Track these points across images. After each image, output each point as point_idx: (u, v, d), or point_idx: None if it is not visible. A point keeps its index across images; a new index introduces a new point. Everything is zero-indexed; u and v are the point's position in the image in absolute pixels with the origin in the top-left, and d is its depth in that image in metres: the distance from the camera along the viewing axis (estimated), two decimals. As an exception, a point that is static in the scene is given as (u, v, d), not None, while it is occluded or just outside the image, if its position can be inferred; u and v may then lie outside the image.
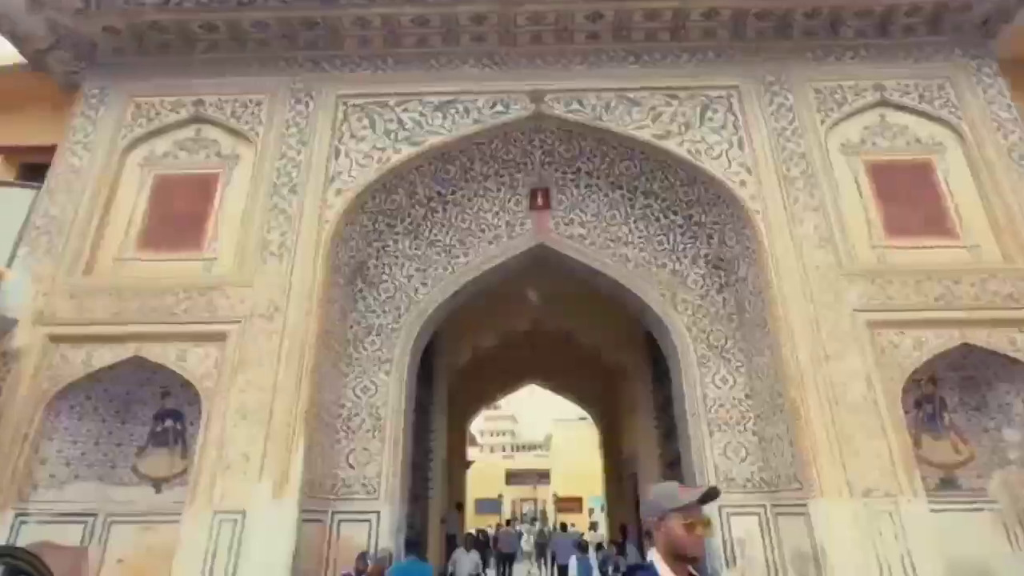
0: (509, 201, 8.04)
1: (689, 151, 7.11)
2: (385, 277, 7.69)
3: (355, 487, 6.69)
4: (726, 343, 7.29)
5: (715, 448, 6.80)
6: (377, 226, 7.60)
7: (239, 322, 6.25)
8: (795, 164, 6.97)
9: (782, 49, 7.57)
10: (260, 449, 5.70)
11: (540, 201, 7.98)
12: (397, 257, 7.79)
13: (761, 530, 6.35)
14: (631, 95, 7.37)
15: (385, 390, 7.10)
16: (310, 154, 7.12)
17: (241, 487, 5.54)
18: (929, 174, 6.98)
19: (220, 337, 6.22)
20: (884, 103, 7.31)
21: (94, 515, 6.11)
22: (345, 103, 7.44)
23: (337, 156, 7.15)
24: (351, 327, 7.43)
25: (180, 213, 6.93)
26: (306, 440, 5.89)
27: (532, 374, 15.15)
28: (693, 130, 7.21)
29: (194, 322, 6.23)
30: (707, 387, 7.08)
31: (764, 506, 6.43)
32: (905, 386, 6.03)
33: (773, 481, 6.45)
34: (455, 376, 11.80)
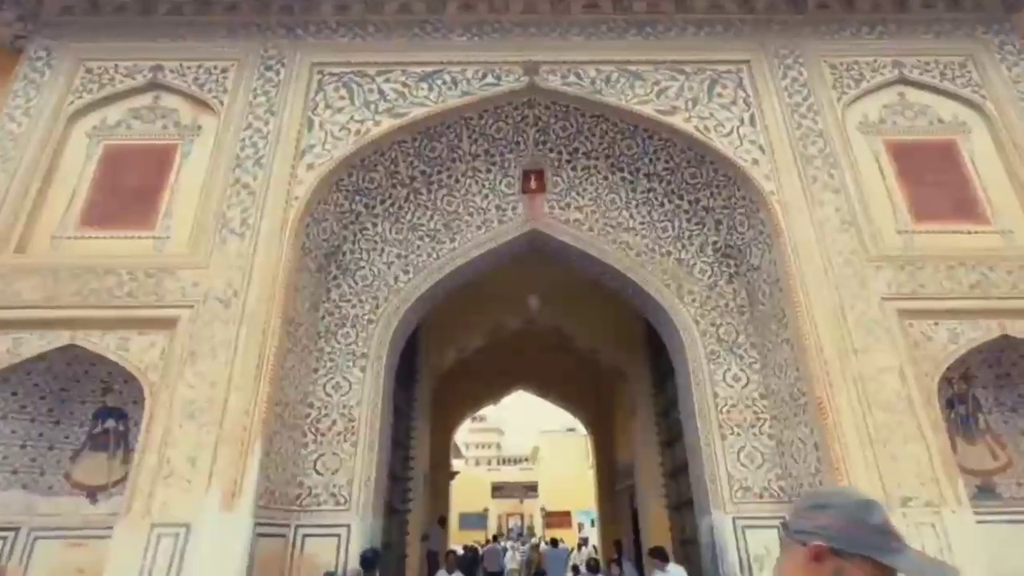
0: (500, 183, 7.38)
1: (697, 128, 6.51)
2: (362, 263, 6.96)
3: (323, 497, 5.89)
4: (737, 338, 6.64)
5: (728, 454, 6.12)
6: (354, 207, 6.88)
7: (191, 307, 5.48)
8: (812, 142, 6.40)
9: (794, 23, 7.04)
10: (209, 453, 4.91)
11: (533, 184, 7.33)
12: (376, 242, 7.06)
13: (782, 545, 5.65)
14: (633, 68, 6.78)
15: (359, 388, 6.34)
16: (279, 125, 6.41)
17: (185, 497, 4.74)
18: (954, 155, 6.44)
19: (168, 324, 5.44)
20: (903, 80, 6.78)
21: (16, 529, 5.27)
22: (321, 72, 6.76)
23: (310, 128, 6.45)
24: (323, 318, 6.68)
25: (131, 187, 6.16)
26: (264, 443, 5.12)
27: (522, 379, 14.41)
28: (701, 106, 6.62)
29: (139, 306, 5.45)
30: (718, 385, 6.41)
31: (784, 518, 5.73)
32: (938, 384, 5.42)
33: (794, 490, 5.77)
34: (439, 379, 11.05)
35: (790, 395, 5.84)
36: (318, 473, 5.98)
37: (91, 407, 5.82)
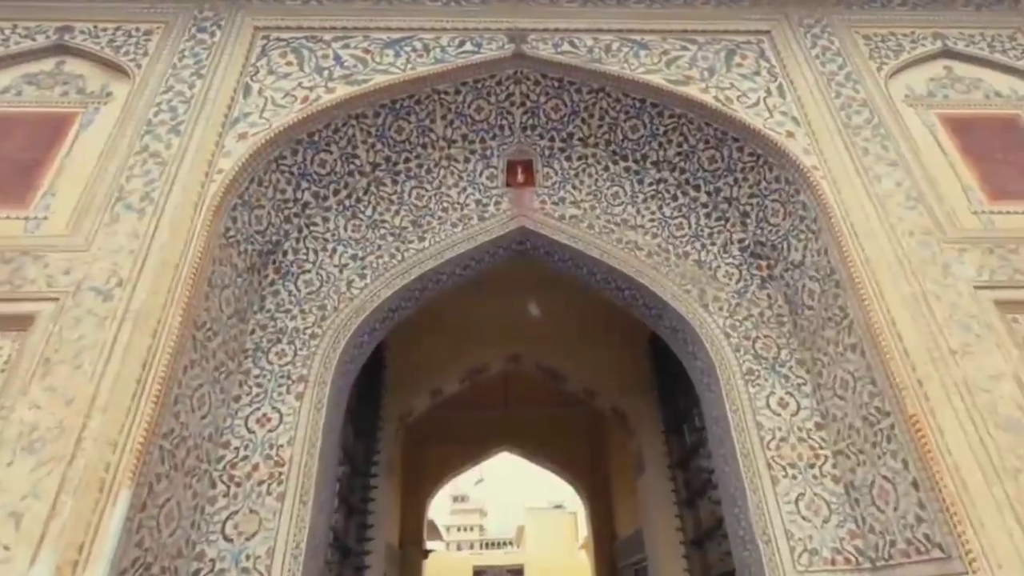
0: (480, 175, 6.16)
1: (716, 98, 5.44)
2: (308, 266, 5.55)
3: (231, 574, 4.18)
4: (779, 353, 5.27)
5: (783, 504, 4.58)
6: (299, 195, 5.57)
7: (56, 300, 4.00)
8: (856, 112, 5.34)
9: (818, -7, 6.19)
10: (46, 504, 3.28)
11: (521, 176, 6.12)
12: (327, 240, 5.69)
13: (876, 632, 4.05)
14: (637, 37, 5.79)
15: (293, 421, 4.76)
16: (207, 88, 5.19)
17: (-7, 571, 3.08)
18: (1021, 130, 5.42)
19: (22, 322, 3.93)
20: (948, 53, 5.87)
21: None
22: (266, 37, 5.64)
23: (247, 94, 5.24)
24: (252, 332, 5.19)
25: (6, 160, 4.81)
26: (137, 492, 3.51)
27: (506, 437, 12.64)
28: (719, 76, 5.59)
29: (-20, 298, 3.96)
30: (760, 414, 4.96)
31: (876, 596, 4.16)
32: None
33: (880, 551, 4.23)
34: (410, 435, 9.36)
35: (863, 419, 4.42)
36: (226, 539, 4.29)
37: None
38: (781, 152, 5.18)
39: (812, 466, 4.73)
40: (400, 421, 8.30)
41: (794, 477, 4.68)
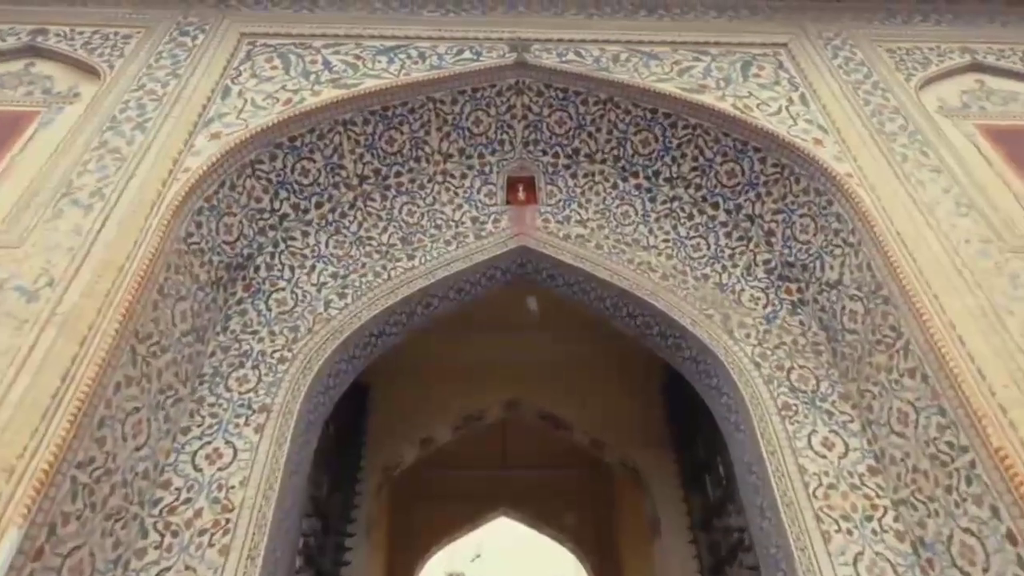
0: (478, 192, 5.66)
1: (735, 106, 5.01)
2: (282, 283, 4.95)
3: (153, 649, 3.34)
4: (818, 386, 4.56)
5: (837, 565, 3.74)
6: (277, 205, 5.04)
7: (-31, 300, 3.39)
8: (889, 119, 4.90)
9: (832, 10, 5.91)
10: (-93, 543, 2.55)
11: (522, 194, 5.63)
12: (306, 256, 5.11)
13: None
14: (646, 49, 5.45)
15: (248, 458, 4.01)
16: (181, 87, 4.79)
17: None
18: (1068, 143, 4.96)
19: (-75, 326, 3.31)
20: (978, 67, 5.51)
21: None
22: (252, 43, 5.31)
23: (225, 96, 4.84)
24: (212, 354, 4.52)
25: (-49, 157, 4.33)
26: (29, 534, 2.77)
27: (504, 498, 11.54)
28: (735, 85, 5.20)
29: None
30: (802, 456, 4.19)
31: None
32: None
33: (968, 627, 3.37)
34: (396, 489, 8.43)
35: (931, 458, 3.67)
36: (153, 603, 3.47)
37: None
38: (810, 160, 4.69)
39: (869, 519, 3.92)
40: (384, 474, 7.43)
41: (849, 532, 3.86)
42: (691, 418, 6.60)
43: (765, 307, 5.00)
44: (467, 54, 5.35)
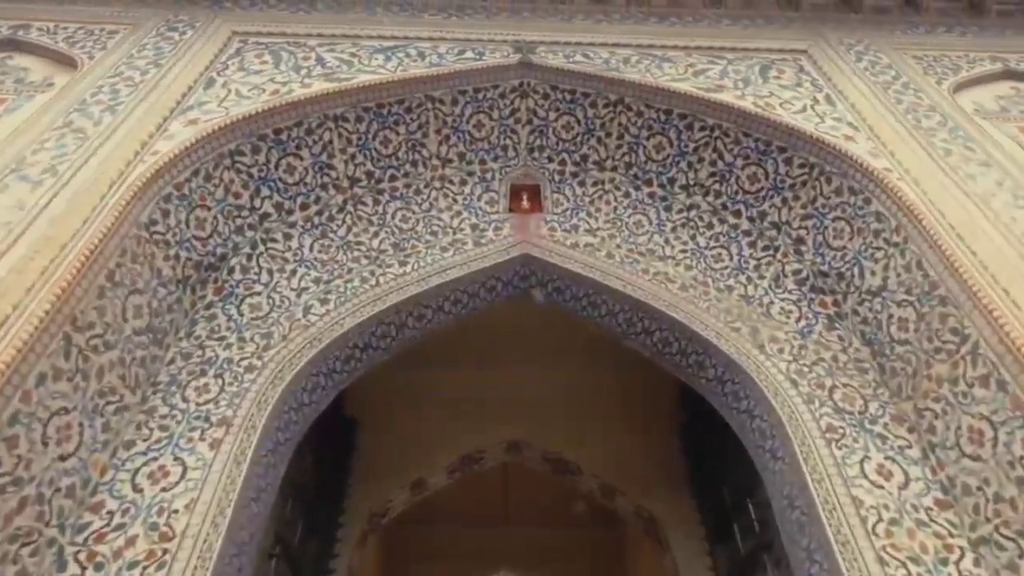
0: (479, 199, 5.24)
1: (756, 104, 4.66)
2: (258, 287, 4.44)
3: None
4: (866, 407, 3.94)
5: (910, 619, 3.03)
6: (259, 203, 4.61)
7: None
8: (925, 116, 4.55)
9: (852, 21, 5.69)
10: None
11: (526, 203, 5.21)
12: (287, 260, 4.63)
13: None
14: (658, 52, 5.18)
15: (199, 477, 3.37)
16: (161, 75, 4.48)
17: None
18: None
19: None
20: (1011, 74, 5.23)
21: None
22: (243, 41, 5.06)
23: (208, 87, 4.52)
24: (171, 361, 3.96)
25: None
26: None
27: (505, 559, 10.49)
28: (755, 86, 4.88)
29: None
30: (856, 485, 3.53)
31: None
32: None
33: None
34: (385, 541, 7.58)
35: (1019, 482, 3.03)
36: (59, 655, 2.77)
37: None
38: (842, 156, 4.28)
39: (944, 562, 3.23)
40: (371, 521, 6.61)
41: (920, 580, 3.16)
42: (714, 459, 5.89)
43: (798, 321, 4.45)
44: (469, 54, 5.07)
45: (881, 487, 3.53)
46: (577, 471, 7.06)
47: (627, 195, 5.26)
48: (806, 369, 4.13)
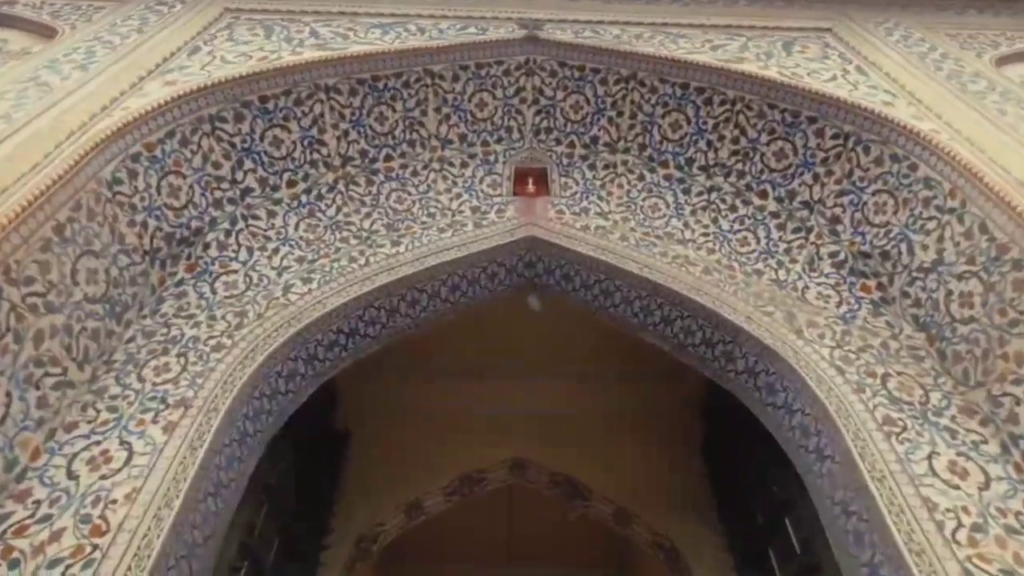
0: (480, 182, 4.85)
1: (782, 74, 4.30)
2: (235, 266, 4.02)
3: None
4: (926, 398, 3.39)
5: (1011, 647, 2.41)
6: (241, 177, 4.24)
7: None
8: (971, 81, 4.16)
9: (878, 2, 5.38)
10: None
11: (532, 187, 4.81)
12: (269, 239, 4.22)
13: None
14: (672, 30, 4.87)
15: (146, 463, 2.86)
16: (143, 40, 4.21)
17: None
18: None
19: None
20: (1053, 52, 4.84)
21: None
22: (235, 16, 4.81)
23: (193, 53, 4.23)
24: (131, 339, 3.50)
25: None
26: None
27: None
28: (779, 59, 4.53)
29: None
30: (925, 485, 2.95)
31: None
32: None
33: None
34: (374, 568, 6.86)
35: None
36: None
37: None
38: (884, 121, 3.87)
39: (1043, 575, 2.62)
40: (359, 547, 5.93)
41: (1018, 597, 2.55)
42: (742, 476, 5.28)
43: (839, 305, 3.95)
44: (472, 30, 4.79)
45: (957, 487, 2.95)
46: (588, 492, 6.39)
47: (641, 178, 4.85)
48: (853, 356, 3.60)
